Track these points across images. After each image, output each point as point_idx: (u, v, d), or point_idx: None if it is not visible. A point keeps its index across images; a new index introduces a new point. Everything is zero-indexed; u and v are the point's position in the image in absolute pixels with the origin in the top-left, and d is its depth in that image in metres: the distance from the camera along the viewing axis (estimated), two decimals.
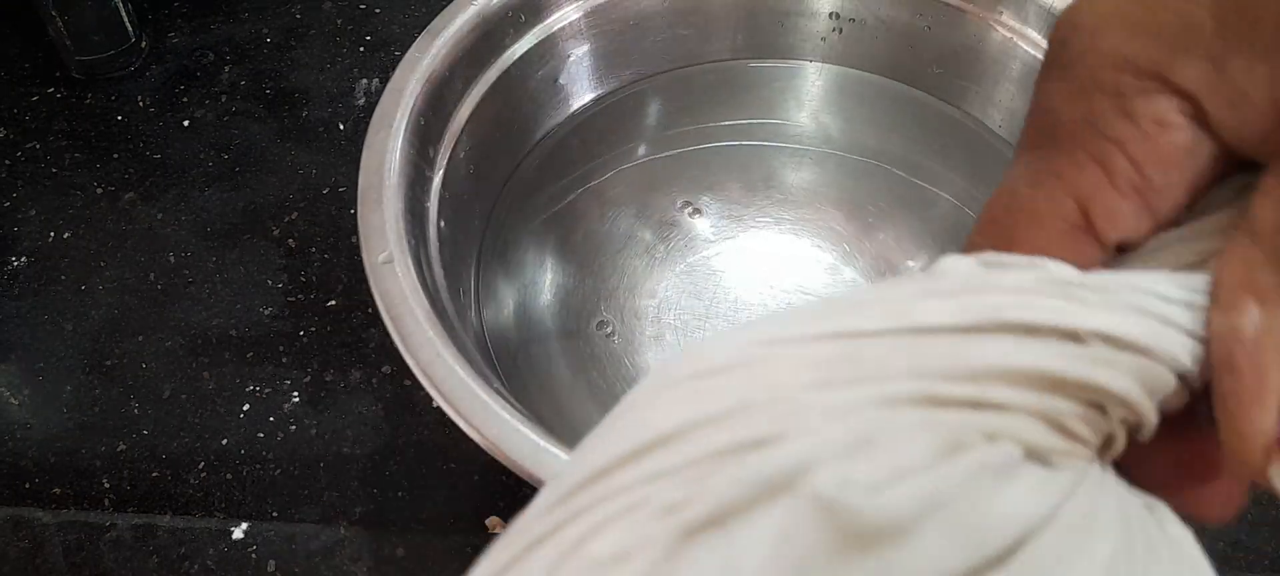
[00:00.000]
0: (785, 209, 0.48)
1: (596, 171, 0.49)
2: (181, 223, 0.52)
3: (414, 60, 0.41)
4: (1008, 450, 0.14)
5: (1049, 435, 0.15)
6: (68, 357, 0.47)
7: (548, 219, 0.47)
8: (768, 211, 0.48)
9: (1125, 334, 0.15)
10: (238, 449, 0.44)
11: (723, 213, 0.48)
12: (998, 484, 0.14)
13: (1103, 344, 0.15)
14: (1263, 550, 0.42)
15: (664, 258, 0.46)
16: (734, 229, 0.47)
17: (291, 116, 0.57)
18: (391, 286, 0.34)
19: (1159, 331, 0.15)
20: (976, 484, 0.13)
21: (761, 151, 0.50)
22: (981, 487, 0.13)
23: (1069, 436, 0.15)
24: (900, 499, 0.13)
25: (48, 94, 0.58)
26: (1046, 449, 0.15)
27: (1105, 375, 0.15)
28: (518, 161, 0.48)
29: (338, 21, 0.62)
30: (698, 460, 0.14)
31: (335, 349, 0.47)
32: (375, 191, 0.37)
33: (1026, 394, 0.15)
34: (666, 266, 0.46)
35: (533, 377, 0.42)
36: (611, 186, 0.48)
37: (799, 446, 0.13)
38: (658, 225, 0.47)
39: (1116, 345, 0.15)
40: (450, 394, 0.32)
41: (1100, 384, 0.15)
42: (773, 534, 0.13)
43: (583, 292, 0.44)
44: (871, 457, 0.13)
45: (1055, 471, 0.15)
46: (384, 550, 0.41)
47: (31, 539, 0.41)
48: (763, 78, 0.52)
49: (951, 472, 0.13)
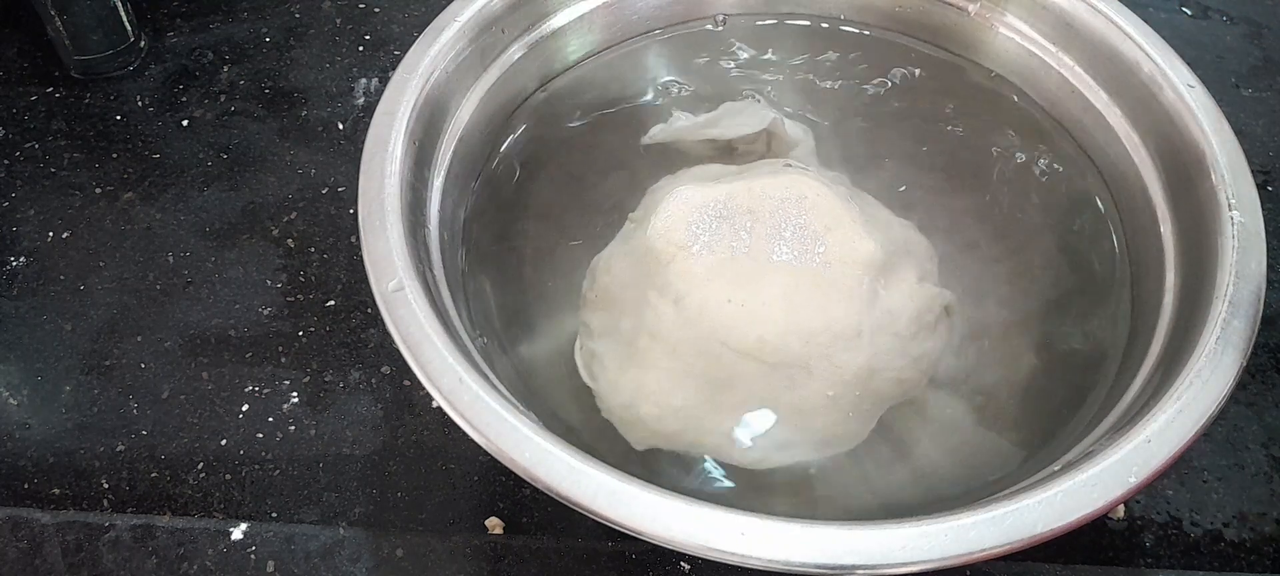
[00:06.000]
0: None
1: (594, 170, 0.49)
2: (180, 222, 0.52)
3: (403, 80, 0.41)
4: None
5: None
6: (66, 358, 0.47)
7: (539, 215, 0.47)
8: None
9: None
10: (237, 449, 0.44)
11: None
12: None
13: None
14: (1263, 550, 0.42)
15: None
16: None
17: (291, 116, 0.57)
18: (403, 313, 0.34)
19: None
20: None
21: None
22: None
23: None
24: None
25: (46, 93, 0.57)
26: None
27: None
28: (508, 158, 0.48)
29: (337, 21, 0.62)
30: None
31: (334, 349, 0.47)
32: (377, 218, 0.37)
33: None
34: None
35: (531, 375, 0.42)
36: (608, 184, 0.48)
37: None
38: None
39: None
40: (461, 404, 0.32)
41: None
42: None
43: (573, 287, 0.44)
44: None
45: None
46: (383, 550, 0.41)
47: (30, 539, 0.41)
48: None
49: None
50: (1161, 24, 0.46)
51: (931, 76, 0.51)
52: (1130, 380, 0.38)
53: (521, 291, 0.44)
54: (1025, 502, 0.30)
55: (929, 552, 0.29)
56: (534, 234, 0.46)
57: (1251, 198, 0.38)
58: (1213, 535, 0.42)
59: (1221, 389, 0.33)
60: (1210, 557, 0.42)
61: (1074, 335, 0.43)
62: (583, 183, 0.48)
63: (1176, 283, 0.40)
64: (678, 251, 0.38)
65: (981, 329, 0.43)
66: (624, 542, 0.41)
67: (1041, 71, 0.48)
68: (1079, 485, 0.31)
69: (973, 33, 0.50)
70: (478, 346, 0.38)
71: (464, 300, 0.41)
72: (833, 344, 0.37)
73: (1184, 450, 0.32)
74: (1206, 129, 0.40)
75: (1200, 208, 0.39)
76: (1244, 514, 0.43)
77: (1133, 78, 0.44)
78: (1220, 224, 0.38)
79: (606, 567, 0.41)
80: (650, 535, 0.30)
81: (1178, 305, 0.39)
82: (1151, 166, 0.43)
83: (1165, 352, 0.37)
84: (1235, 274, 0.36)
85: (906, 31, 0.51)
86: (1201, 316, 0.35)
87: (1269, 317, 0.50)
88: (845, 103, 0.51)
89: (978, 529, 0.30)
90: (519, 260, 0.45)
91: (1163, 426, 0.32)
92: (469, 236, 0.44)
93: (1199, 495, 0.44)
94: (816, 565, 0.29)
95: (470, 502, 0.42)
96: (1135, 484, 0.31)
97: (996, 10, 0.49)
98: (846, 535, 0.29)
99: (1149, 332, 0.39)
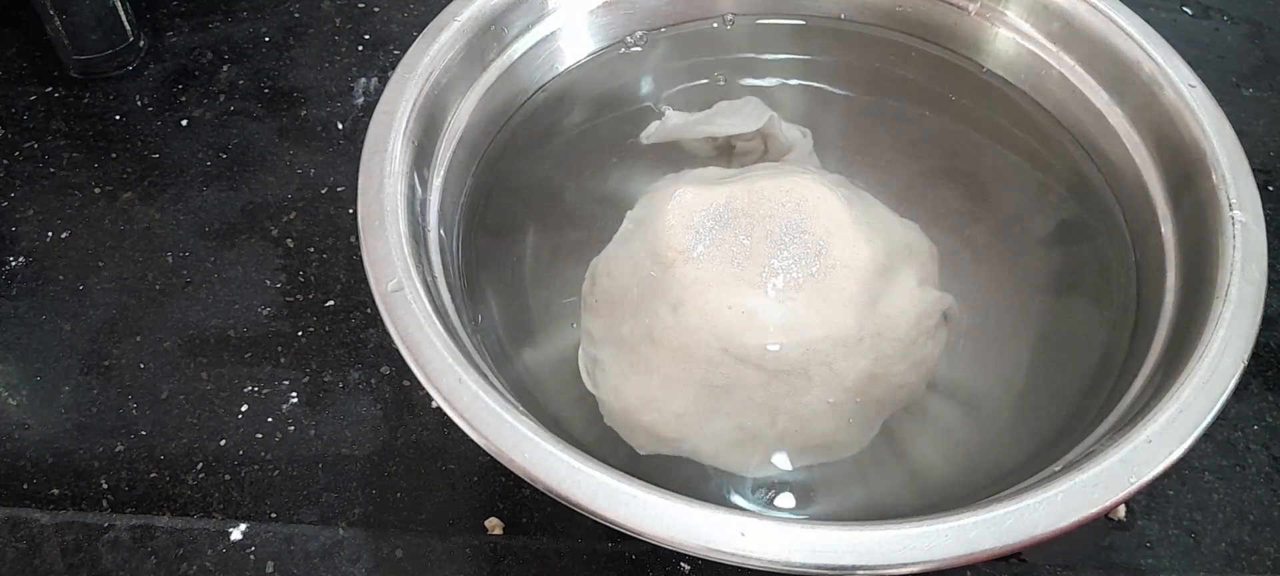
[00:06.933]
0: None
1: (594, 169, 0.48)
2: (179, 222, 0.52)
3: (403, 80, 0.41)
4: None
5: None
6: (65, 358, 0.47)
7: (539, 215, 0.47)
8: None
9: None
10: (236, 449, 0.44)
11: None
12: None
13: None
14: (1264, 551, 0.42)
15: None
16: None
17: (290, 116, 0.57)
18: (403, 313, 0.34)
19: None
20: None
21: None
22: None
23: None
24: None
25: (46, 93, 0.57)
26: None
27: None
28: (508, 158, 0.48)
29: (336, 20, 0.62)
30: None
31: (334, 349, 0.47)
32: (377, 218, 0.37)
33: None
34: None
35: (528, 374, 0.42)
36: (607, 183, 0.48)
37: None
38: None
39: None
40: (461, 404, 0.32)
41: None
42: None
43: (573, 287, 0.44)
44: None
45: None
46: (383, 551, 0.41)
47: (29, 540, 0.41)
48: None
49: None
50: (1162, 23, 0.46)
51: (931, 76, 0.51)
52: (1131, 380, 0.37)
53: (521, 291, 0.44)
54: (1025, 502, 0.30)
55: (929, 552, 0.29)
56: (534, 233, 0.46)
57: (1252, 197, 0.38)
58: (1213, 535, 0.42)
59: (1222, 389, 0.33)
60: (1211, 558, 0.42)
61: (1074, 335, 0.43)
62: (582, 182, 0.48)
63: (1177, 282, 0.40)
64: (678, 256, 0.38)
65: (982, 330, 0.43)
66: (624, 543, 0.41)
67: (1042, 71, 0.48)
68: (1079, 485, 0.31)
69: (973, 32, 0.50)
70: (476, 346, 0.37)
71: (464, 301, 0.41)
72: (833, 351, 0.37)
73: (1185, 451, 0.32)
74: (1207, 129, 0.40)
75: (1201, 207, 0.39)
76: (1245, 514, 0.43)
77: (1133, 77, 0.44)
78: (1221, 224, 0.38)
79: (606, 567, 0.40)
80: (650, 535, 0.30)
81: (1178, 305, 0.39)
82: (1152, 166, 0.43)
83: (1166, 353, 0.37)
84: (1236, 274, 0.36)
85: (906, 30, 0.51)
86: (1202, 316, 0.35)
87: (1270, 318, 0.50)
88: (845, 102, 0.51)
89: (978, 529, 0.30)
90: (519, 260, 0.45)
91: (1163, 426, 0.32)
92: (468, 236, 0.44)
93: (1200, 495, 0.43)
94: (816, 565, 0.29)
95: (470, 503, 0.42)
96: (1136, 484, 0.31)
97: (997, 9, 0.49)
98: (846, 535, 0.29)
99: (1150, 333, 0.39)
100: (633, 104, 0.50)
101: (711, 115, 0.48)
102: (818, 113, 0.50)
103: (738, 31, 0.52)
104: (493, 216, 0.46)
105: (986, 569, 0.41)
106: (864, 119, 0.51)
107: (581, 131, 0.49)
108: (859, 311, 0.37)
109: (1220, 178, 0.39)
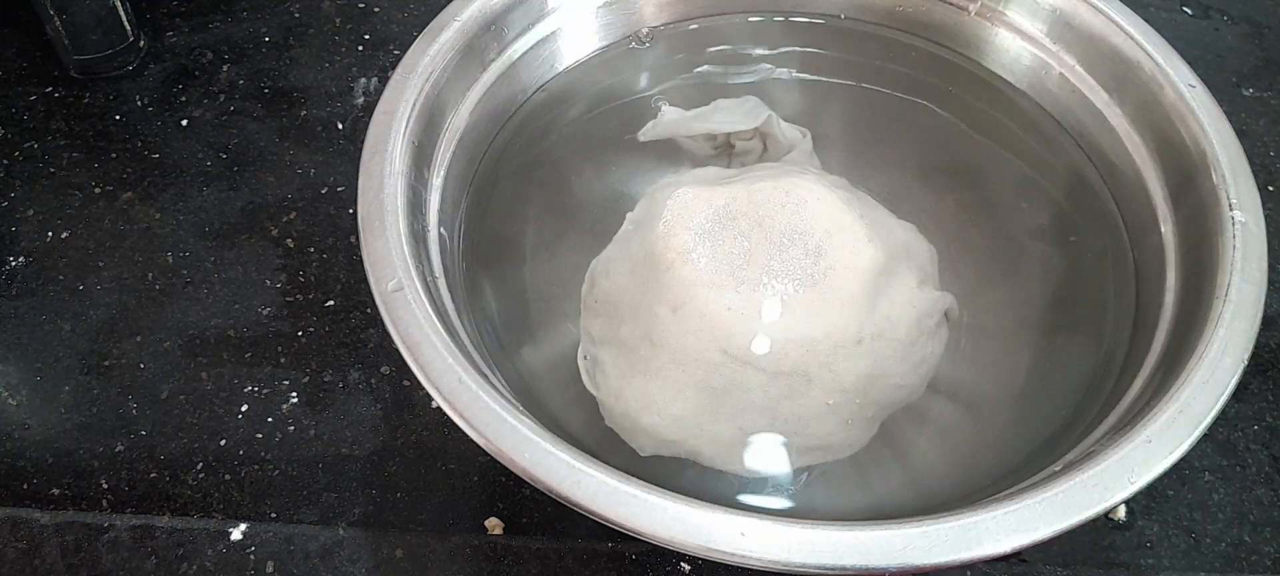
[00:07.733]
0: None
1: (593, 169, 0.49)
2: (179, 222, 0.52)
3: (403, 80, 0.41)
4: None
5: None
6: (66, 358, 0.47)
7: (538, 214, 0.47)
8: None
9: None
10: (236, 449, 0.44)
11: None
12: None
13: None
14: (1264, 551, 0.42)
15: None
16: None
17: (290, 116, 0.57)
18: (403, 313, 0.34)
19: None
20: None
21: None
22: None
23: None
24: None
25: (46, 93, 0.57)
26: None
27: None
28: (508, 158, 0.48)
29: (336, 20, 0.62)
30: None
31: (334, 349, 0.47)
32: (377, 218, 0.37)
33: None
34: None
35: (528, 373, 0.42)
36: (607, 183, 0.48)
37: None
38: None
39: None
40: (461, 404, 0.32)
41: None
42: None
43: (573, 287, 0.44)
44: None
45: None
46: (383, 551, 0.41)
47: (29, 540, 0.41)
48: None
49: None
50: (1162, 23, 0.46)
51: (931, 75, 0.51)
52: (1131, 380, 0.37)
53: (521, 291, 0.44)
54: (1025, 502, 0.30)
55: (929, 552, 0.29)
56: (533, 233, 0.46)
57: (1252, 197, 0.38)
58: (1213, 535, 0.42)
59: (1222, 389, 0.33)
60: (1211, 558, 0.42)
61: (1074, 335, 0.43)
62: (582, 181, 0.48)
63: (1177, 282, 0.40)
64: (677, 257, 0.38)
65: (981, 330, 0.43)
66: (624, 543, 0.41)
67: (1042, 70, 0.48)
68: (1079, 485, 0.31)
69: (973, 31, 0.50)
70: (476, 346, 0.37)
71: (464, 301, 0.41)
72: (833, 352, 0.37)
73: (1185, 451, 0.32)
74: (1207, 128, 0.40)
75: (1201, 207, 0.39)
76: (1244, 514, 0.43)
77: (1133, 77, 0.44)
78: (1221, 224, 0.38)
79: (606, 567, 0.40)
80: (650, 535, 0.30)
81: (1178, 305, 0.39)
82: (1152, 166, 0.43)
83: (1166, 353, 0.37)
84: (1236, 274, 0.36)
85: (906, 29, 0.51)
86: (1202, 316, 0.35)
87: (1269, 318, 0.50)
88: (845, 102, 0.51)
89: (978, 529, 0.30)
90: (519, 259, 0.45)
91: (1163, 426, 0.32)
92: (468, 236, 0.44)
93: (1200, 495, 0.43)
94: (816, 565, 0.29)
95: (470, 503, 0.42)
96: (1136, 484, 0.31)
97: (997, 9, 0.49)
98: (846, 535, 0.29)
99: (1150, 333, 0.39)
100: (633, 103, 0.50)
101: (709, 112, 0.48)
102: (817, 112, 0.50)
103: (737, 29, 0.52)
104: (493, 216, 0.46)
105: (986, 569, 0.41)
106: (864, 118, 0.51)
107: (582, 131, 0.49)
108: (859, 312, 0.37)
109: (1220, 178, 0.39)
